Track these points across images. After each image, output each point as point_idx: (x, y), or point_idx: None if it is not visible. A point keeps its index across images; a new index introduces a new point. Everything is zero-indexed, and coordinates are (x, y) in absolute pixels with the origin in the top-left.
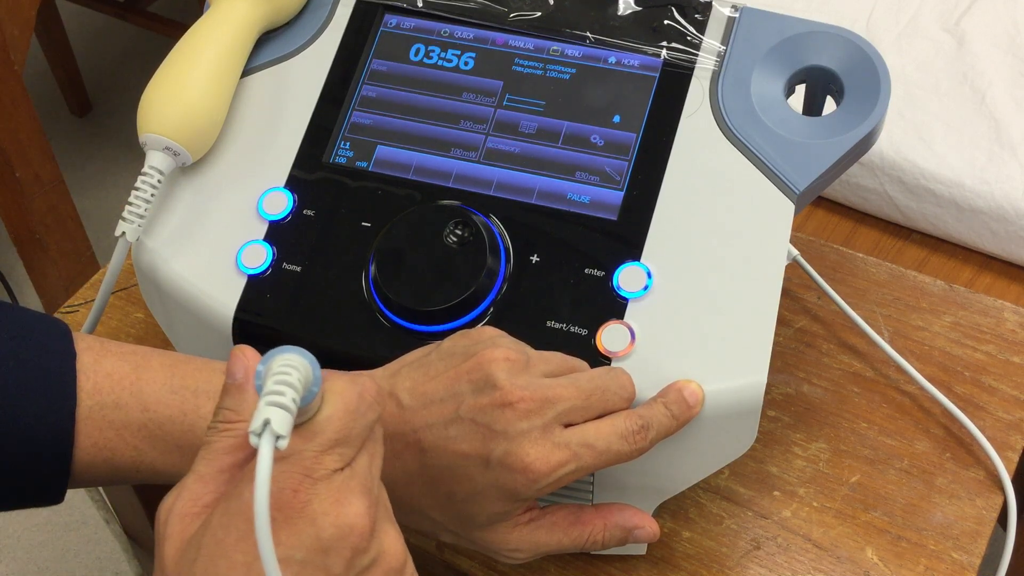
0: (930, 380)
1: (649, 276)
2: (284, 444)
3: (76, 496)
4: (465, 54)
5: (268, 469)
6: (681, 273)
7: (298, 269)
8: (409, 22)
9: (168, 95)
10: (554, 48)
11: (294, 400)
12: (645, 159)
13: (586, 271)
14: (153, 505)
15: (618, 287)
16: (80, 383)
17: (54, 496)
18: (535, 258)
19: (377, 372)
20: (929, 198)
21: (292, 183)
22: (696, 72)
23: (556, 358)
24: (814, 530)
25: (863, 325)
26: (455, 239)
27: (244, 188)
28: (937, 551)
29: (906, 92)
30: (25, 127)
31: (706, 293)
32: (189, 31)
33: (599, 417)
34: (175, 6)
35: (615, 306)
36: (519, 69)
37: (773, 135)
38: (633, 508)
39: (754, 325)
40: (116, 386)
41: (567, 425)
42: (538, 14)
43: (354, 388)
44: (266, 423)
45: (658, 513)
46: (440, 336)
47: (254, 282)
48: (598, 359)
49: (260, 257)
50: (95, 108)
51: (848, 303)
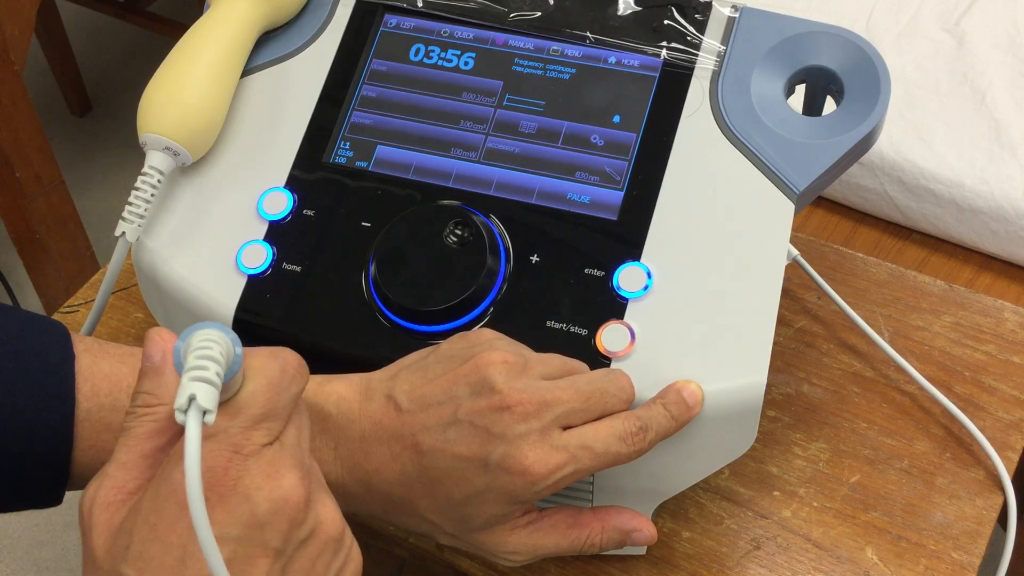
0: (930, 380)
1: (649, 276)
2: (211, 419)
3: (76, 496)
4: (465, 54)
5: (198, 445)
6: (681, 273)
7: (298, 269)
8: (409, 22)
9: (168, 95)
10: (554, 48)
11: (218, 374)
12: (645, 159)
13: (586, 271)
14: None
15: (618, 287)
16: (78, 385)
17: (53, 498)
18: (535, 258)
19: (375, 375)
20: (929, 198)
21: (292, 183)
22: (696, 72)
23: (555, 360)
24: (814, 530)
25: (863, 325)
26: (455, 239)
27: (244, 188)
28: (937, 551)
29: (906, 92)
30: (25, 127)
31: (706, 293)
32: (189, 31)
33: (598, 419)
34: (175, 6)
35: (615, 306)
36: (519, 69)
37: (773, 135)
38: (631, 511)
39: (754, 325)
40: (114, 388)
41: (566, 427)
42: (538, 14)
43: (275, 362)
44: (191, 399)
45: (658, 513)
46: (440, 336)
47: (254, 282)
48: (598, 359)
49: (260, 257)
50: (95, 108)
51: (848, 303)
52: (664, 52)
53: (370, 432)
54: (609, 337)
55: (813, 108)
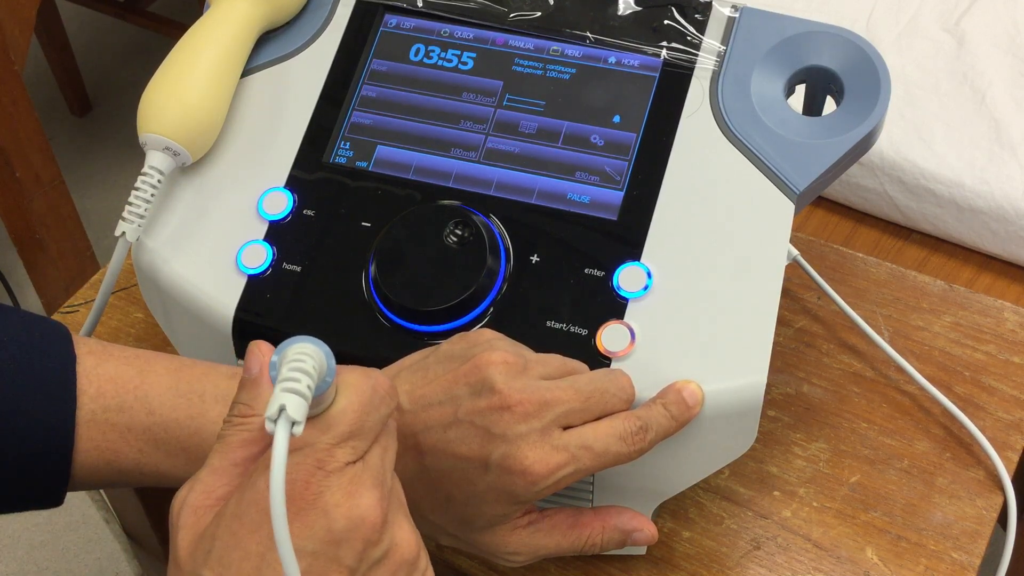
0: (930, 380)
1: (649, 276)
2: (299, 430)
3: (76, 496)
4: (465, 54)
5: (284, 454)
6: (681, 273)
7: (298, 269)
8: (409, 22)
9: (168, 95)
10: (554, 48)
11: (309, 387)
12: (645, 159)
13: (586, 271)
14: (154, 506)
15: (618, 287)
16: (83, 387)
17: (54, 499)
18: (535, 258)
19: None
20: (929, 198)
21: (292, 183)
22: (696, 72)
23: (555, 360)
24: (814, 530)
25: (863, 325)
26: (455, 239)
27: (244, 188)
28: (937, 551)
29: (906, 92)
30: (25, 127)
31: (706, 293)
32: (189, 31)
33: (598, 419)
34: (175, 6)
35: (615, 306)
36: (519, 69)
37: (773, 135)
38: (632, 511)
39: (754, 325)
40: (120, 390)
41: (566, 428)
42: (538, 14)
43: (368, 381)
44: (281, 409)
45: (658, 513)
46: (440, 336)
47: (254, 282)
48: (598, 359)
49: (260, 257)
50: (95, 108)
51: (848, 303)
52: (664, 52)
53: None
54: (609, 337)
55: (813, 108)
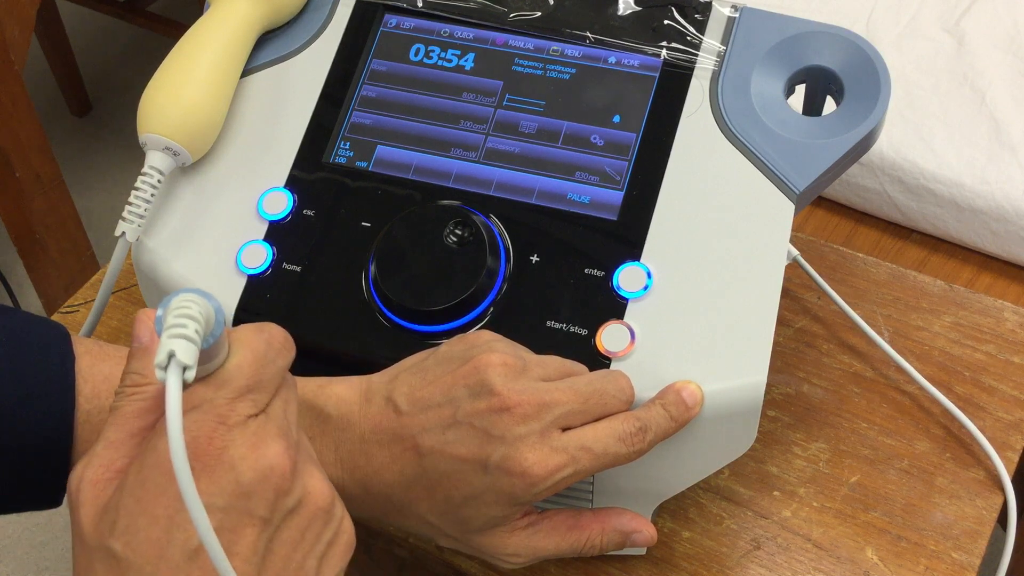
0: (930, 380)
1: (649, 276)
2: (191, 375)
3: None
4: (465, 54)
5: (178, 400)
6: (681, 273)
7: (298, 269)
8: (409, 22)
9: (168, 95)
10: (554, 48)
11: (197, 331)
12: (645, 159)
13: (586, 271)
14: None
15: (618, 287)
16: (79, 387)
17: (52, 500)
18: (535, 258)
19: (375, 377)
20: (929, 198)
21: (292, 183)
22: (696, 72)
23: (554, 362)
24: (814, 530)
25: (863, 325)
26: (455, 239)
27: (244, 188)
28: (937, 551)
29: (906, 92)
30: (25, 127)
31: (706, 293)
32: (189, 31)
33: (598, 420)
34: (175, 6)
35: (615, 306)
36: (519, 69)
37: (773, 135)
38: (631, 512)
39: (754, 325)
40: (114, 390)
41: (565, 429)
42: (538, 14)
43: (261, 335)
44: (171, 355)
45: (658, 513)
46: (440, 336)
47: (254, 282)
48: (598, 359)
49: (260, 257)
50: (95, 108)
51: (848, 303)
52: (664, 52)
53: (370, 434)
54: (609, 337)
55: (813, 108)
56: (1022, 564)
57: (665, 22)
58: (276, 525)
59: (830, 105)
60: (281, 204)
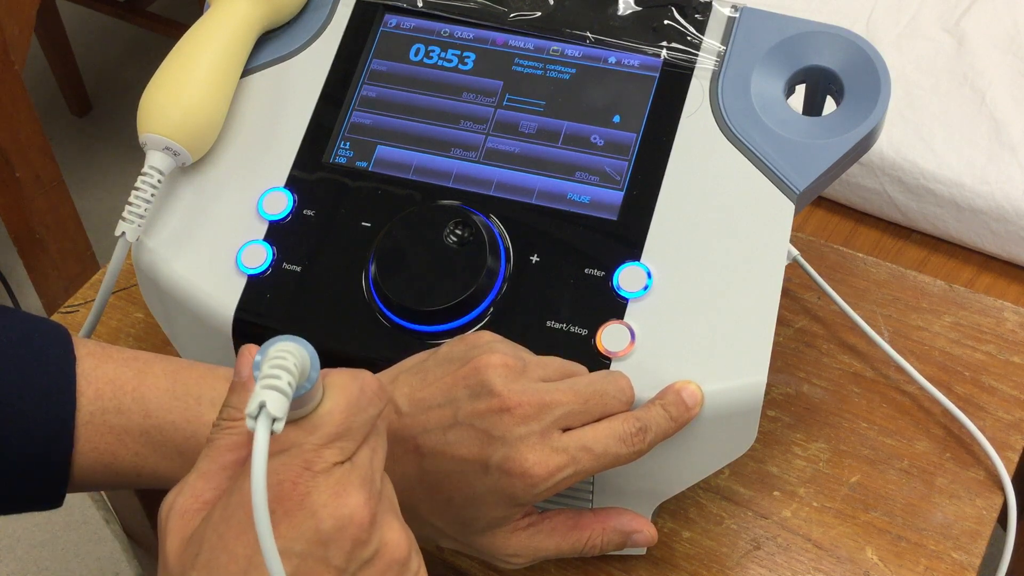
0: (930, 380)
1: (649, 276)
2: (280, 427)
3: (76, 496)
4: (465, 54)
5: (264, 450)
6: (681, 273)
7: (298, 269)
8: (409, 22)
9: (168, 95)
10: (554, 48)
11: (290, 384)
12: (645, 159)
13: (586, 271)
14: (153, 506)
15: (618, 287)
16: (81, 388)
17: (53, 501)
18: (535, 258)
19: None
20: (929, 198)
21: (292, 183)
22: (696, 72)
23: (554, 362)
24: (814, 530)
25: (863, 325)
26: (455, 239)
27: (244, 188)
28: (937, 551)
29: (906, 92)
30: (25, 127)
31: (706, 293)
32: (189, 31)
33: (598, 421)
34: (175, 6)
35: (615, 306)
36: (519, 69)
37: (773, 135)
38: (631, 512)
39: (754, 325)
40: (118, 391)
41: (565, 429)
42: (538, 14)
43: (356, 382)
44: (261, 406)
45: (658, 513)
46: (440, 336)
47: (254, 282)
48: (598, 359)
49: (260, 257)
50: (95, 108)
51: (848, 303)
52: (664, 52)
53: None
54: (609, 337)
55: (813, 108)
56: (1022, 564)
57: (665, 22)
58: (351, 574)
59: (830, 105)
60: (281, 204)
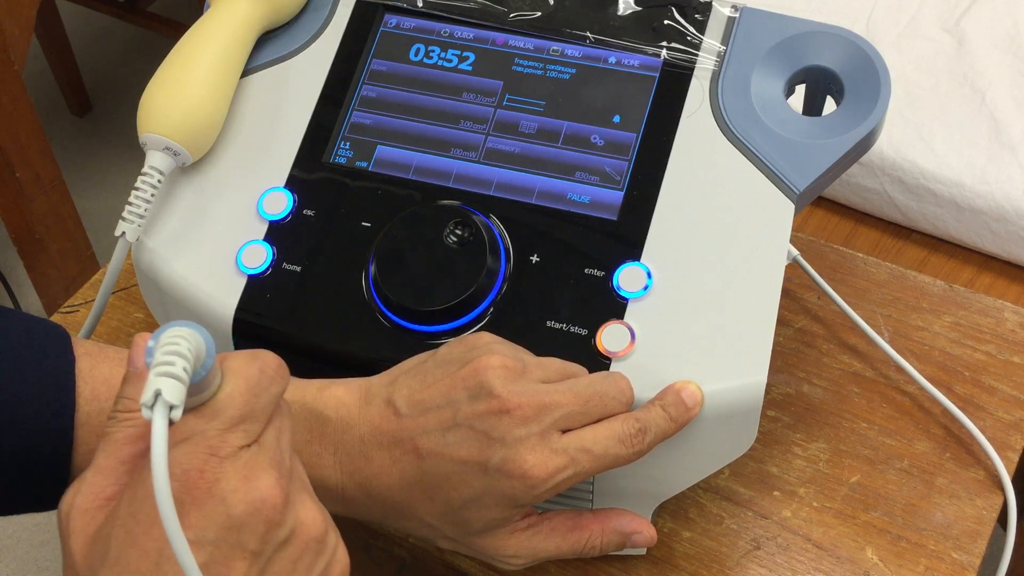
0: (930, 380)
1: (649, 276)
2: (178, 414)
3: None
4: (465, 54)
5: (164, 440)
6: (681, 273)
7: (298, 269)
8: (409, 22)
9: (168, 95)
10: (554, 48)
11: (185, 369)
12: (645, 159)
13: (586, 271)
14: None
15: (618, 287)
16: (79, 389)
17: (52, 501)
18: (535, 258)
19: (374, 380)
20: (929, 198)
21: (292, 183)
22: (696, 72)
23: (553, 364)
24: (814, 530)
25: (863, 325)
26: (455, 239)
27: (244, 188)
28: (937, 551)
29: (906, 92)
30: (25, 127)
31: (706, 293)
32: (189, 31)
33: (597, 422)
34: (175, 6)
35: (615, 306)
36: (519, 69)
37: (773, 135)
38: (631, 513)
39: (754, 325)
40: (114, 392)
41: (565, 431)
42: (538, 14)
43: (255, 363)
44: (157, 394)
45: (658, 513)
46: (440, 336)
47: (254, 282)
48: (598, 359)
49: (260, 257)
50: (95, 108)
51: (848, 303)
52: (664, 52)
53: (369, 437)
54: (609, 337)
55: (813, 108)
56: (1022, 564)
57: (665, 22)
58: (268, 557)
59: (830, 105)
60: (281, 204)
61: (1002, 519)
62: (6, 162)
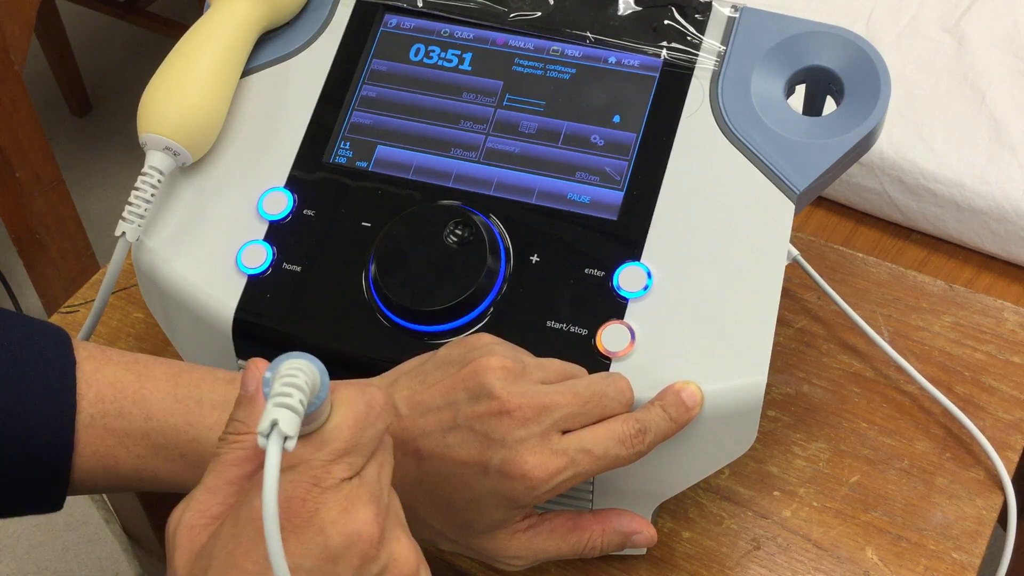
0: (930, 380)
1: (649, 276)
2: (292, 445)
3: (76, 496)
4: (465, 54)
5: (276, 469)
6: (681, 273)
7: (298, 269)
8: (409, 22)
9: (168, 95)
10: (554, 48)
11: (301, 402)
12: (645, 159)
13: (586, 271)
14: (153, 506)
15: (618, 287)
16: (82, 392)
17: (53, 503)
18: (535, 258)
19: (374, 381)
20: (929, 198)
21: (292, 183)
22: (696, 72)
23: (553, 364)
24: (814, 530)
25: (863, 325)
26: (455, 239)
27: (244, 188)
28: (937, 551)
29: (906, 92)
30: (25, 127)
31: (706, 293)
32: (189, 31)
33: (597, 423)
34: (175, 6)
35: (615, 306)
36: (519, 69)
37: (773, 135)
38: (631, 513)
39: (754, 325)
40: (119, 395)
41: (565, 432)
42: (538, 14)
43: (363, 397)
44: (273, 424)
45: (658, 513)
46: (440, 336)
47: (254, 282)
48: (598, 359)
49: (260, 257)
50: (95, 108)
51: (848, 303)
52: (664, 52)
53: None
54: (609, 337)
55: (813, 108)
56: (1022, 564)
57: (665, 22)
58: None
59: (830, 105)
60: (281, 204)
61: (1002, 519)
62: (6, 162)
